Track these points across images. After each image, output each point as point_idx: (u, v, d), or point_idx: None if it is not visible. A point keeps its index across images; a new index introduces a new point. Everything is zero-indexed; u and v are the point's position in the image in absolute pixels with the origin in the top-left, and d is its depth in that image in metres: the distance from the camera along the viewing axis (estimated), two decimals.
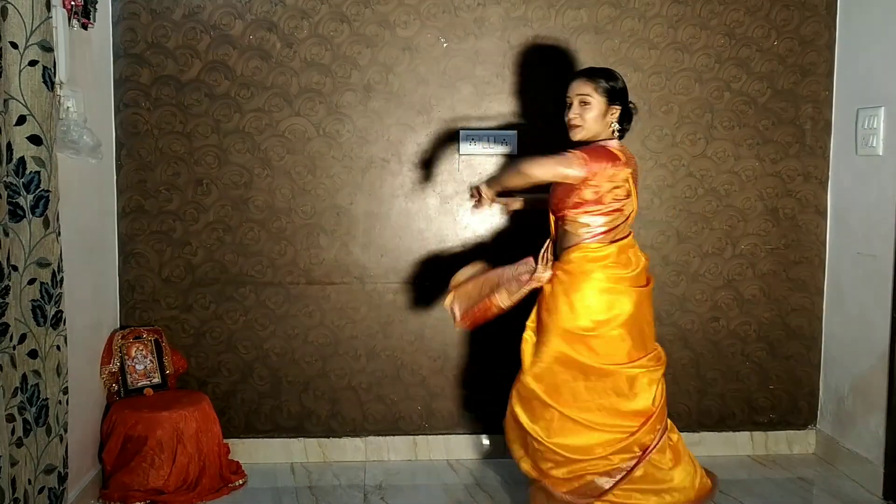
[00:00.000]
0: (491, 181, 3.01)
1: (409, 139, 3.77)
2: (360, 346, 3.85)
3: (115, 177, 3.67)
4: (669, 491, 2.90)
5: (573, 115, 2.94)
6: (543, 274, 2.96)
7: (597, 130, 2.94)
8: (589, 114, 2.92)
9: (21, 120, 2.39)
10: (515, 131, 3.77)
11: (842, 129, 3.82)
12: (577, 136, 2.95)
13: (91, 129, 3.09)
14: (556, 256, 3.02)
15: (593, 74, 2.98)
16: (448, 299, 3.11)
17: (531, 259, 3.01)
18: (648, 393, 2.93)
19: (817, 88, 3.87)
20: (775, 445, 4.00)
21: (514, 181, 2.93)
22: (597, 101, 2.92)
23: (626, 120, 3.01)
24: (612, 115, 2.96)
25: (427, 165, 3.78)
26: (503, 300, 3.00)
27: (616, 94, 2.95)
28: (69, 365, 2.91)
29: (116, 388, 3.53)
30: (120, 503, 3.32)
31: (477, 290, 3.06)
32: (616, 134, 2.98)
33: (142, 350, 3.61)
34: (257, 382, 3.83)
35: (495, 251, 3.78)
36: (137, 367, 3.58)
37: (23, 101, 2.39)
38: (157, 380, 3.62)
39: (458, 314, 3.08)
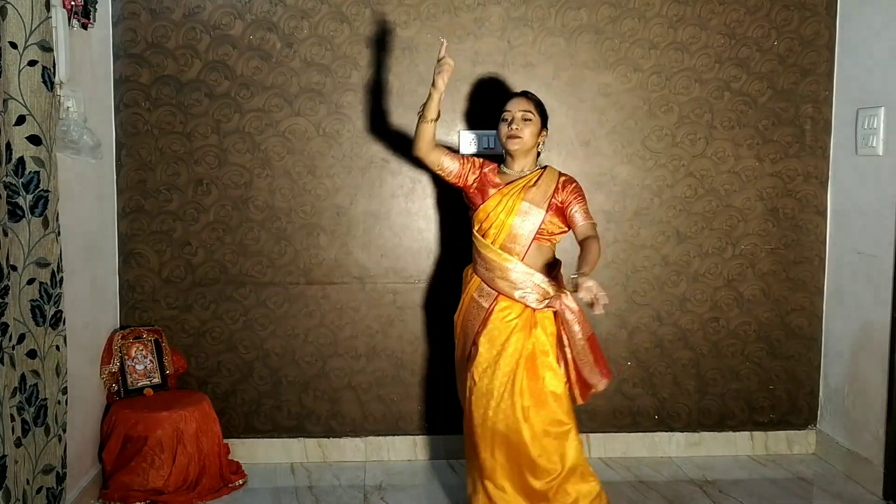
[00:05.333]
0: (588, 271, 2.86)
1: (409, 139, 3.76)
2: (360, 346, 3.85)
3: (115, 177, 3.68)
4: None
5: (515, 127, 3.07)
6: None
7: (531, 146, 3.10)
8: (528, 129, 3.07)
9: (20, 120, 2.39)
10: None
11: (842, 129, 3.81)
12: (514, 146, 3.08)
13: (91, 129, 3.09)
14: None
15: (533, 97, 3.16)
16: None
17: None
18: None
19: (817, 88, 3.87)
20: (775, 445, 4.00)
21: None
22: (536, 120, 3.10)
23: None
24: (542, 136, 3.15)
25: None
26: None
27: (546, 120, 3.17)
28: (69, 365, 2.92)
29: (116, 388, 3.53)
30: (120, 503, 3.32)
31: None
32: (540, 155, 3.19)
33: (142, 350, 3.61)
34: (257, 382, 3.84)
35: None
36: (137, 367, 3.58)
37: (22, 101, 2.39)
38: (157, 380, 3.62)
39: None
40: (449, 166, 3.15)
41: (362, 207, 3.79)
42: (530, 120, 3.07)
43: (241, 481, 3.59)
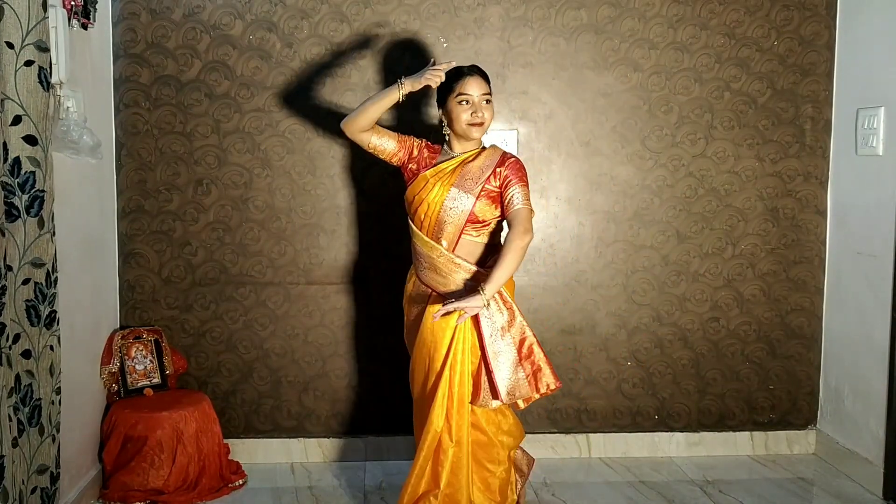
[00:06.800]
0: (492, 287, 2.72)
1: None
2: (359, 346, 3.86)
3: (115, 177, 3.69)
4: None
5: (480, 114, 2.84)
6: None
7: (488, 128, 2.91)
8: (488, 113, 2.87)
9: (16, 120, 2.39)
10: (516, 130, 3.78)
11: (842, 129, 3.81)
12: (478, 134, 2.87)
13: (91, 129, 3.09)
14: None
15: (485, 74, 2.93)
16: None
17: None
18: None
19: (817, 88, 3.86)
20: (775, 445, 3.99)
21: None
22: (492, 100, 2.90)
23: None
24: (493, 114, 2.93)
25: None
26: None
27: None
28: (69, 365, 2.93)
29: (116, 388, 3.54)
30: (120, 503, 3.33)
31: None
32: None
33: (142, 350, 3.61)
34: (257, 382, 3.84)
35: None
36: (137, 367, 3.59)
37: (18, 102, 2.39)
38: (157, 380, 3.63)
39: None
40: (382, 144, 2.99)
41: (362, 207, 3.79)
42: (489, 101, 2.86)
43: (241, 481, 3.60)
